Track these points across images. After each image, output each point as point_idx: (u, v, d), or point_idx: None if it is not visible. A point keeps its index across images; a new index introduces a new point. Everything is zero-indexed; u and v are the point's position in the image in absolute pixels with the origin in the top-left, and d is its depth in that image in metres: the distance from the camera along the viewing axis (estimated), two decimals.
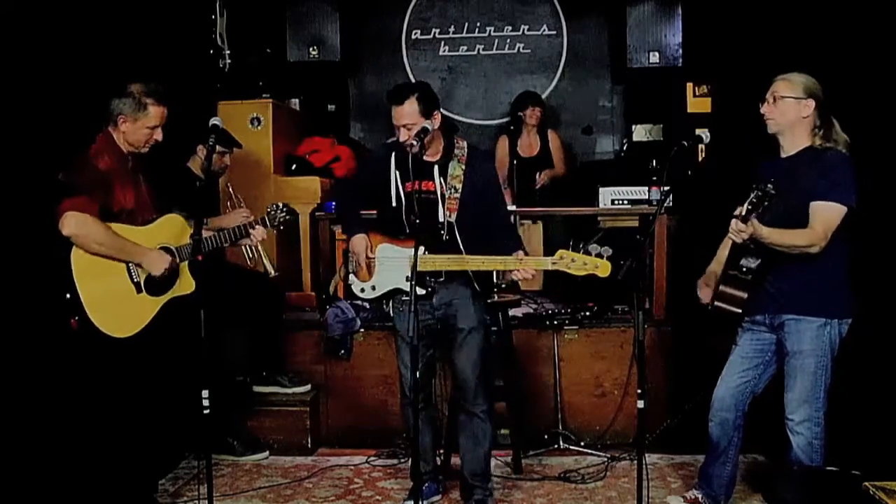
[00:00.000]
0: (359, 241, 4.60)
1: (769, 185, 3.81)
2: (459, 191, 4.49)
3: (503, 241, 4.49)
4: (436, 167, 4.53)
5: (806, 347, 4.17)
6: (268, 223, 4.95)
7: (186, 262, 4.70)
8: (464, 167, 4.53)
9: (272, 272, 5.39)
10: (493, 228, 4.54)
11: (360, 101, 8.86)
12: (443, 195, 4.48)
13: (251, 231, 4.90)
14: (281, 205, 4.99)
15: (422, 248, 4.37)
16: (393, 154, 4.57)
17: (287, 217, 4.99)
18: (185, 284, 4.71)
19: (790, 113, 4.23)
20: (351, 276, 4.66)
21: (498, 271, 5.27)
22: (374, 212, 4.71)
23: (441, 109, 4.56)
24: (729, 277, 4.18)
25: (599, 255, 4.21)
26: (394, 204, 4.55)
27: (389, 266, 4.53)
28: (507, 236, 4.58)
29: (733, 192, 4.42)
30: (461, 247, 4.42)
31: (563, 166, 7.87)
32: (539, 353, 6.09)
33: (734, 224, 3.97)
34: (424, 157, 4.50)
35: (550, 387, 6.04)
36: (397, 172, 4.55)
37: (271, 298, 5.93)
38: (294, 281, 6.96)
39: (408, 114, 4.42)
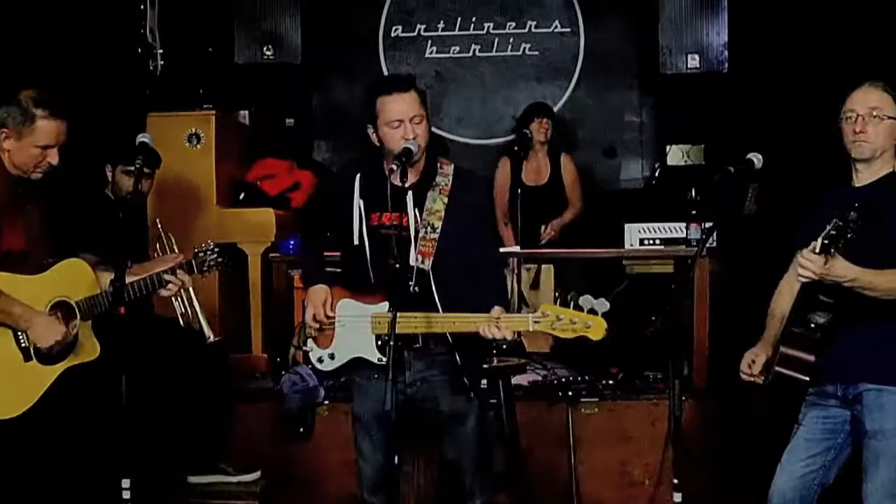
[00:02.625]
0: (316, 293, 4.43)
1: (852, 214, 3.76)
2: (438, 230, 4.32)
3: (484, 294, 4.28)
4: (409, 194, 4.32)
5: (890, 426, 4.10)
6: (194, 268, 4.86)
7: (90, 322, 4.62)
8: (446, 200, 4.36)
9: (210, 335, 5.32)
10: (474, 278, 4.34)
11: (325, 113, 8.89)
12: (416, 232, 4.32)
13: (171, 278, 4.80)
14: (211, 244, 4.90)
15: (385, 304, 4.26)
16: (357, 177, 4.41)
17: (219, 260, 4.84)
18: (88, 349, 4.60)
19: (888, 135, 4.20)
20: (310, 342, 4.49)
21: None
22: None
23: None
24: (792, 336, 4.12)
25: (593, 311, 3.99)
26: (356, 242, 4.40)
27: (351, 328, 4.36)
28: (489, 288, 4.36)
29: (794, 228, 4.39)
30: (436, 301, 4.26)
31: (578, 201, 7.85)
32: (550, 431, 6.06)
33: (804, 254, 3.90)
34: (393, 181, 4.29)
35: (564, 475, 6.01)
36: (362, 202, 4.42)
37: (212, 362, 5.86)
38: (241, 339, 6.93)
39: (416, 105, 4.29)
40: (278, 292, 6.73)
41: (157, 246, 5.69)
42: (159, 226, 5.70)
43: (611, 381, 6.26)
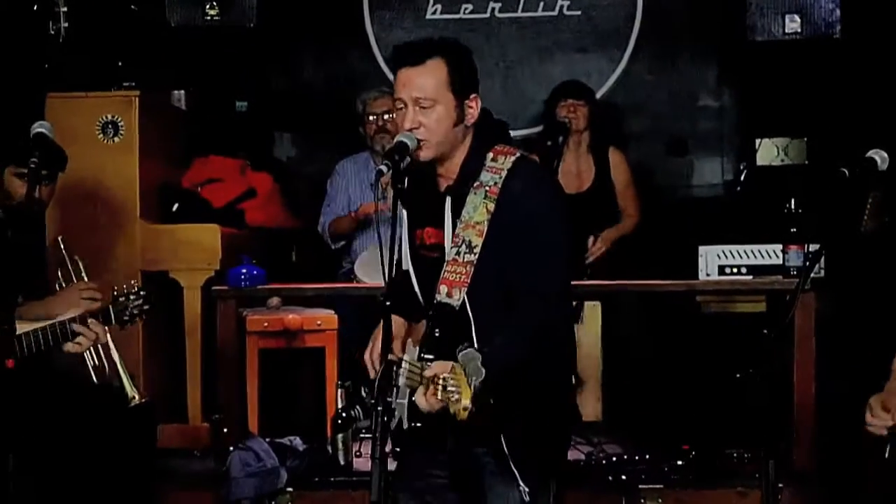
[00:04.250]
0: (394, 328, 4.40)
1: None
2: (477, 250, 4.30)
3: (510, 341, 4.24)
4: (448, 201, 4.40)
5: None
6: (112, 317, 4.90)
7: None
8: (493, 205, 4.33)
9: (134, 396, 5.32)
10: (512, 317, 4.30)
11: (289, 95, 8.94)
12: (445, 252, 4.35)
13: (81, 329, 4.82)
14: (135, 286, 4.94)
15: (416, 350, 4.31)
16: (406, 179, 4.36)
17: (145, 308, 4.98)
18: None
19: None
20: (394, 391, 4.43)
21: None
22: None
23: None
24: None
25: (468, 378, 3.87)
26: (405, 265, 4.45)
27: (405, 378, 4.34)
28: (517, 331, 4.28)
29: None
30: (474, 346, 4.19)
31: (635, 210, 7.88)
32: None
33: None
34: (437, 184, 4.42)
35: None
36: (405, 213, 4.45)
37: (134, 434, 5.86)
38: (174, 403, 6.95)
39: (426, 84, 4.30)
40: (225, 339, 6.71)
41: (61, 274, 5.66)
42: (62, 246, 5.67)
43: (680, 462, 6.29)
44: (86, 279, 5.53)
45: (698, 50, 8.71)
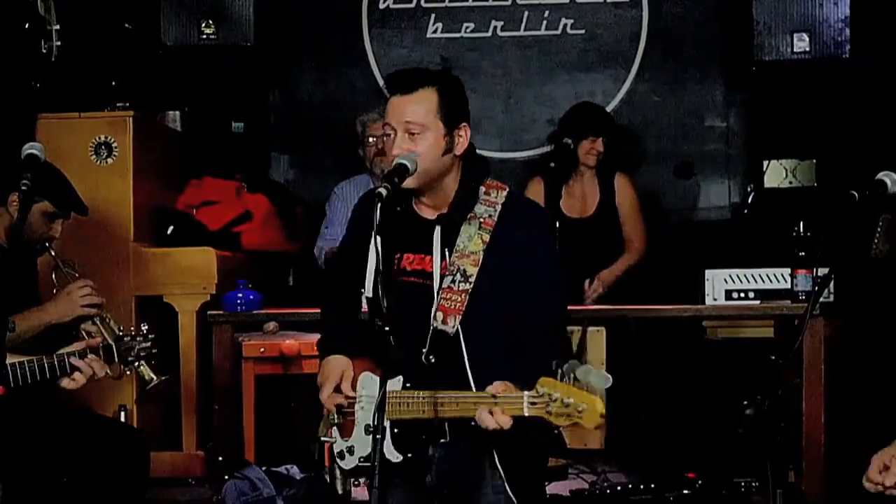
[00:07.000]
0: (330, 366, 4.57)
1: None
2: (472, 279, 4.36)
3: (527, 368, 4.20)
4: (437, 230, 4.45)
5: None
6: (115, 356, 4.89)
7: None
8: (488, 236, 4.41)
9: (152, 378, 5.31)
10: (520, 346, 4.37)
11: (287, 116, 8.94)
12: (440, 282, 4.39)
13: (79, 364, 4.82)
14: (143, 329, 4.94)
15: (399, 378, 4.28)
16: (378, 205, 4.50)
17: (153, 352, 5.03)
18: None
19: None
20: (334, 432, 4.57)
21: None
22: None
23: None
24: None
25: (590, 388, 3.87)
26: (369, 293, 4.49)
27: (370, 411, 4.32)
28: (535, 359, 4.28)
29: None
30: (468, 376, 4.30)
31: (640, 240, 7.86)
32: None
33: None
34: (418, 211, 4.47)
35: None
36: (379, 239, 4.43)
37: (126, 462, 5.84)
38: (168, 431, 6.96)
39: (416, 111, 4.36)
40: (221, 365, 6.70)
41: (55, 277, 5.64)
42: (52, 253, 5.63)
43: (686, 491, 6.27)
44: (77, 274, 5.55)
45: (705, 70, 8.69)
